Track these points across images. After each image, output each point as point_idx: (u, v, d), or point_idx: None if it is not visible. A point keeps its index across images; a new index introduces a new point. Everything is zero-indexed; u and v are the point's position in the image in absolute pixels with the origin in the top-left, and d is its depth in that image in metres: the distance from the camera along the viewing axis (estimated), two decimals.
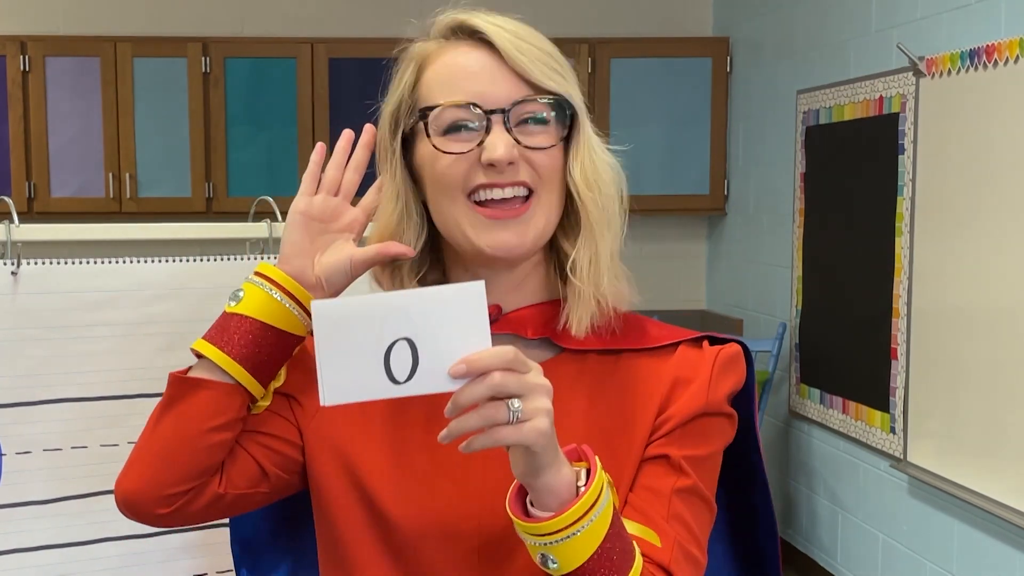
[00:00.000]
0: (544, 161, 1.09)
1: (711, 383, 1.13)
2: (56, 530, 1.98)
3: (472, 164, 1.08)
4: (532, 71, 1.08)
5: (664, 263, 5.51)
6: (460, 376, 0.93)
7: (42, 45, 4.82)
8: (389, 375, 0.93)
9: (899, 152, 3.61)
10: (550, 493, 0.98)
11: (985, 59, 3.14)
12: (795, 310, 4.46)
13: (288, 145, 4.94)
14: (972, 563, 3.33)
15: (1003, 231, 3.07)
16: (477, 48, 1.10)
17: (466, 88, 1.08)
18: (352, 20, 5.06)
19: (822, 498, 4.31)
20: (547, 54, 1.10)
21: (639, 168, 5.08)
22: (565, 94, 1.10)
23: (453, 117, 1.08)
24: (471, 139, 1.08)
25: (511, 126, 1.08)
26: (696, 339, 1.17)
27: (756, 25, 4.89)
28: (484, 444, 0.94)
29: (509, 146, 1.07)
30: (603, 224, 1.12)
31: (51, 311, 1.95)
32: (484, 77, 1.08)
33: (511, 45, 1.08)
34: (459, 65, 1.10)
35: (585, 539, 0.98)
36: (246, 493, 1.16)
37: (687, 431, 1.12)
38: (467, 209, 1.09)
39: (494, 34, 1.08)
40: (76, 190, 4.86)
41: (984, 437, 3.19)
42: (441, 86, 1.10)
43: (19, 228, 1.96)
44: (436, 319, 0.93)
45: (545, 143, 1.09)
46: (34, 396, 1.95)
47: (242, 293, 1.13)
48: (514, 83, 1.08)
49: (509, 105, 1.07)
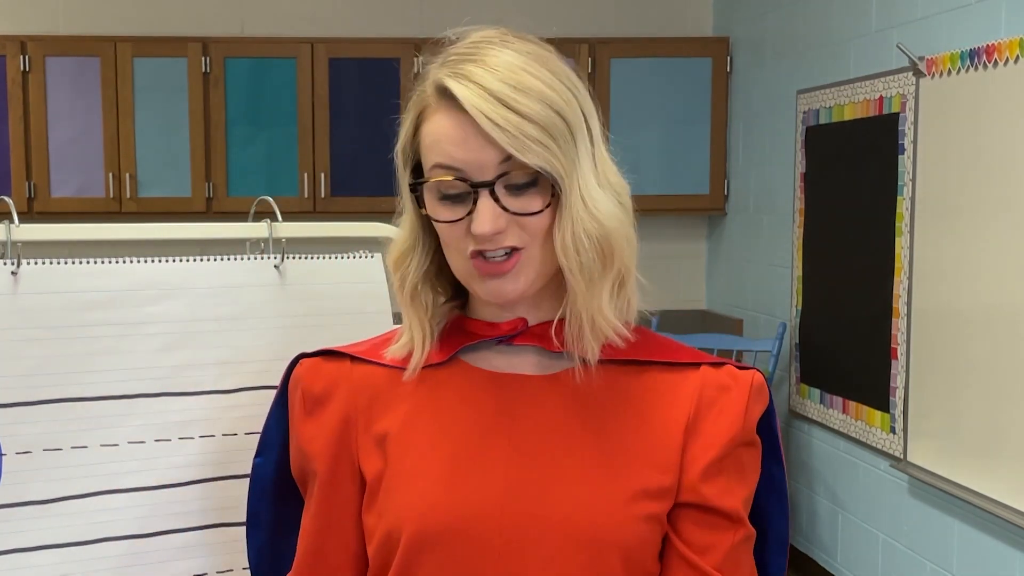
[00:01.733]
0: (533, 223, 1.10)
1: (747, 410, 1.16)
2: (56, 530, 1.98)
3: (465, 231, 1.11)
4: (512, 145, 1.06)
5: (664, 263, 5.51)
6: None
7: (42, 45, 4.82)
8: None
9: (899, 152, 3.61)
10: None
11: (985, 59, 3.14)
12: (795, 310, 4.46)
13: (288, 145, 4.94)
14: (972, 563, 3.33)
15: (1003, 231, 3.07)
16: (459, 113, 1.08)
17: (455, 156, 1.09)
18: (352, 20, 5.06)
19: (822, 498, 4.31)
20: (528, 118, 1.07)
21: (639, 168, 5.09)
22: (544, 167, 1.07)
23: (443, 187, 1.11)
24: (461, 207, 1.10)
25: (498, 194, 1.08)
26: (717, 363, 1.19)
27: (756, 25, 4.89)
28: None
29: (495, 219, 1.08)
30: (587, 285, 1.11)
31: (51, 311, 1.94)
32: (472, 144, 1.08)
33: (485, 118, 1.06)
34: (444, 132, 1.10)
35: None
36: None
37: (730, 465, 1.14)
38: (468, 264, 1.12)
39: (473, 105, 1.06)
40: (76, 190, 4.86)
41: (984, 437, 3.19)
42: (434, 149, 1.11)
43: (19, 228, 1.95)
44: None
45: (534, 208, 1.09)
46: (34, 396, 1.95)
47: None
48: (498, 151, 1.07)
49: (493, 178, 1.08)
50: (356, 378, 1.21)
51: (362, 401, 1.19)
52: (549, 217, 1.11)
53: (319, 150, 4.92)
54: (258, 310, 2.05)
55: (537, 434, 1.14)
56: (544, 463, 1.12)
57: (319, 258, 2.10)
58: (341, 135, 4.91)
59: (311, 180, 4.90)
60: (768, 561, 1.27)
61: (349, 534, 1.19)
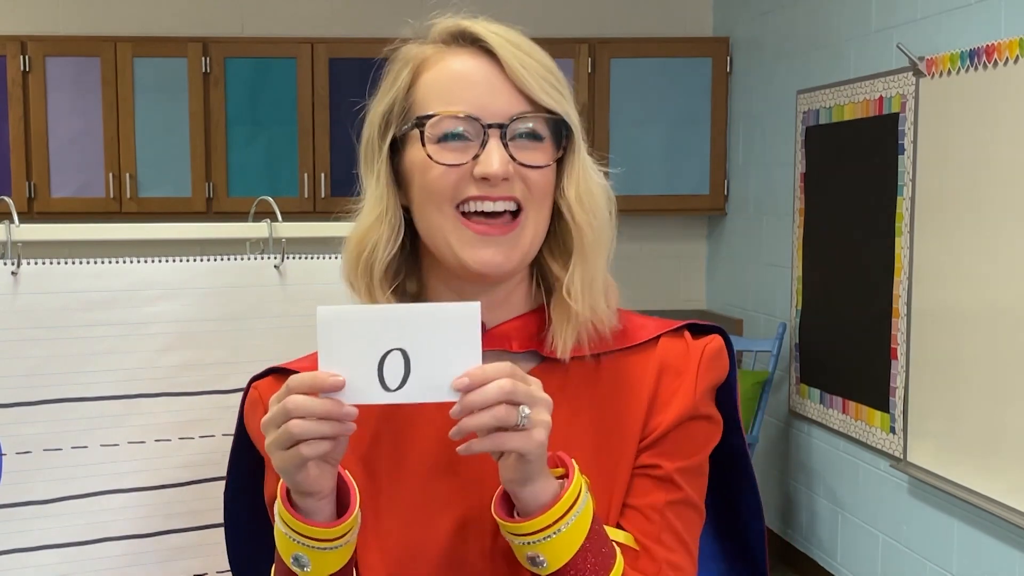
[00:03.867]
0: (537, 179, 1.08)
1: (697, 383, 1.13)
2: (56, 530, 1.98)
3: (464, 176, 1.06)
4: (533, 87, 1.06)
5: (664, 263, 5.51)
6: (462, 388, 0.95)
7: (42, 45, 4.82)
8: (382, 382, 0.97)
9: (899, 152, 3.61)
10: (535, 500, 1.00)
11: (985, 59, 3.14)
12: (795, 310, 4.46)
13: (288, 145, 4.94)
14: (972, 563, 3.33)
15: (1003, 231, 3.07)
16: (477, 57, 1.08)
17: (465, 98, 1.07)
18: (352, 20, 5.06)
19: (822, 498, 4.31)
20: (548, 70, 1.09)
21: (639, 168, 5.09)
22: (564, 113, 1.09)
23: (450, 127, 1.07)
24: (466, 150, 1.06)
25: (507, 141, 1.06)
26: (677, 330, 1.17)
27: (756, 25, 4.89)
28: (485, 448, 0.96)
29: (505, 161, 1.05)
30: (597, 245, 1.11)
31: (51, 311, 1.94)
32: (484, 88, 1.07)
33: (513, 57, 1.06)
34: (459, 73, 1.08)
35: (569, 535, 1.00)
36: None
37: (677, 439, 1.12)
38: (455, 221, 1.07)
39: (497, 44, 1.07)
40: (76, 190, 4.86)
41: (984, 437, 3.19)
42: (439, 93, 1.08)
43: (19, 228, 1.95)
44: (431, 334, 0.96)
45: (541, 161, 1.08)
46: (34, 396, 1.95)
47: (308, 564, 1.06)
48: (514, 97, 1.07)
49: (507, 120, 1.06)
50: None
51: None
52: (552, 177, 1.10)
53: (319, 150, 4.92)
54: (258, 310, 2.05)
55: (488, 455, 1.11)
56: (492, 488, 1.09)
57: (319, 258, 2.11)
58: (341, 135, 4.90)
59: (311, 180, 4.90)
60: (745, 531, 1.26)
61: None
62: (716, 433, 1.16)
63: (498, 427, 0.95)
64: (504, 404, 0.95)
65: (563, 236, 1.12)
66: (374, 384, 0.97)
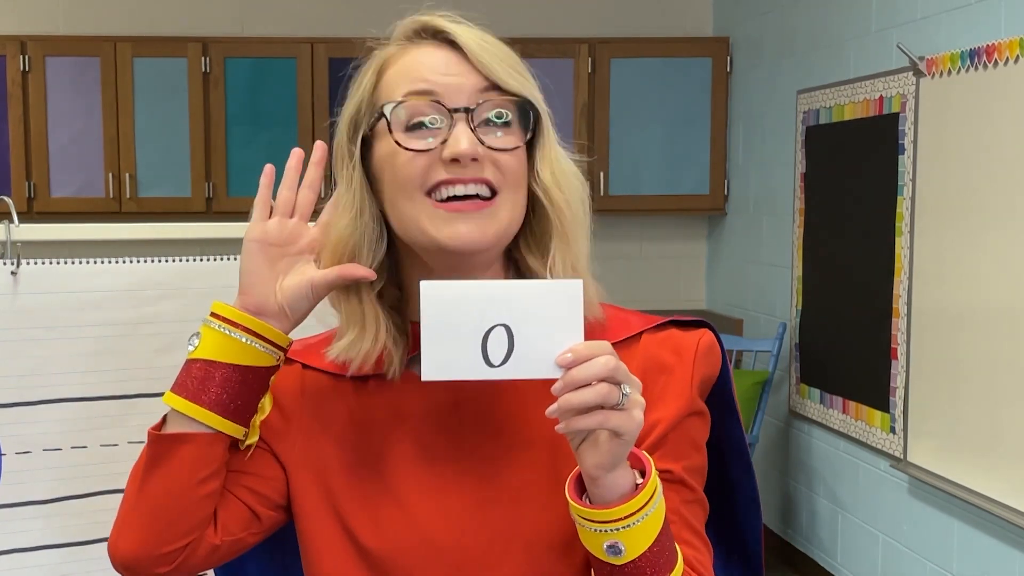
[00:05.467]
0: (508, 162, 1.08)
1: (692, 380, 1.14)
2: (56, 530, 1.98)
3: (434, 160, 1.06)
4: (497, 71, 1.07)
5: (664, 263, 5.51)
6: (566, 364, 0.96)
7: (42, 45, 4.82)
8: (485, 358, 0.98)
9: (899, 152, 3.61)
10: (614, 486, 1.00)
11: (985, 59, 3.14)
12: (795, 310, 4.46)
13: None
14: (972, 563, 3.33)
15: (1003, 231, 3.07)
16: (441, 47, 1.09)
17: (429, 80, 1.07)
18: (352, 20, 5.06)
19: (822, 498, 4.31)
20: (510, 56, 1.10)
21: (639, 168, 5.09)
22: (530, 96, 1.09)
23: (415, 112, 1.07)
24: (434, 136, 1.07)
25: (474, 126, 1.06)
26: (660, 326, 1.16)
27: (756, 25, 4.89)
28: (589, 425, 0.96)
29: (473, 141, 1.05)
30: (576, 226, 1.11)
31: (51, 311, 1.94)
32: (448, 75, 1.07)
33: (476, 44, 1.07)
34: (421, 62, 1.09)
35: (650, 523, 1.01)
36: (241, 537, 1.15)
37: (678, 439, 1.12)
38: (426, 206, 1.07)
39: (458, 33, 1.08)
40: (76, 190, 4.86)
41: (984, 437, 3.19)
42: (402, 82, 1.08)
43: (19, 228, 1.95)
44: (534, 310, 0.98)
45: (509, 144, 1.08)
46: (34, 396, 1.95)
47: (198, 338, 1.10)
48: (478, 80, 1.07)
49: (473, 104, 1.06)
50: (308, 386, 1.18)
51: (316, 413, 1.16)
52: (523, 161, 1.09)
53: None
54: None
55: (497, 442, 1.12)
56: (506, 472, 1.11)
57: None
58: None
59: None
60: (742, 523, 1.26)
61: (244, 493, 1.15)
62: (708, 426, 1.17)
63: (599, 405, 0.96)
64: (607, 382, 0.96)
65: (540, 227, 1.12)
66: (478, 360, 0.98)
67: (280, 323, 1.11)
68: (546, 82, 1.14)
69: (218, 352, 1.09)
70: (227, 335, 1.09)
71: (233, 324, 1.09)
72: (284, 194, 1.15)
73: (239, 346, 1.09)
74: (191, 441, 1.09)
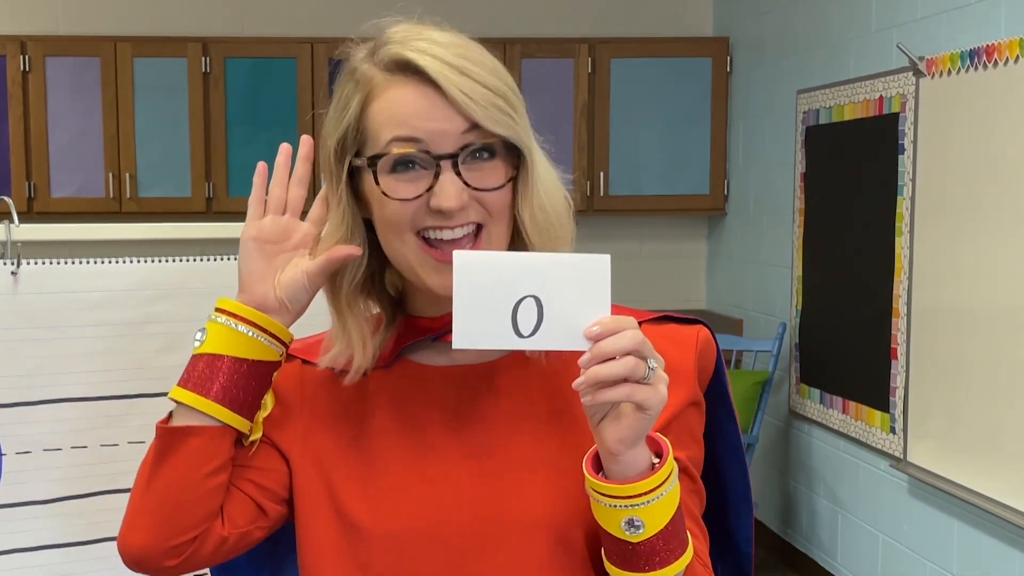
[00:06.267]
0: (493, 200, 1.09)
1: (693, 372, 1.16)
2: (56, 530, 1.98)
3: (420, 208, 1.08)
4: (479, 116, 1.06)
5: (664, 263, 5.51)
6: (594, 337, 0.98)
7: (42, 45, 4.82)
8: (515, 328, 1.00)
9: (899, 152, 3.61)
10: (633, 463, 1.01)
11: (985, 59, 3.14)
12: (795, 310, 4.46)
13: None
14: (972, 563, 3.33)
15: (1003, 231, 3.07)
16: (422, 86, 1.08)
17: (415, 127, 1.07)
18: (352, 20, 5.03)
19: (822, 498, 4.31)
20: (493, 91, 1.08)
21: (639, 168, 5.09)
22: (514, 137, 1.09)
23: (400, 158, 1.08)
24: (419, 180, 1.08)
25: (461, 169, 1.07)
26: (658, 319, 1.18)
27: (756, 25, 4.89)
28: (616, 397, 0.97)
29: (459, 193, 1.06)
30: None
31: (51, 311, 1.94)
32: (432, 119, 1.07)
33: (455, 86, 1.06)
34: (405, 105, 1.08)
35: (668, 501, 1.02)
36: (248, 531, 1.16)
37: (679, 429, 1.14)
38: (416, 249, 1.09)
39: (439, 76, 1.07)
40: (76, 190, 4.86)
41: (984, 437, 3.19)
42: (388, 126, 1.09)
43: (19, 228, 1.96)
44: (565, 283, 0.99)
45: (494, 183, 1.08)
46: (34, 396, 1.95)
47: (204, 334, 1.12)
48: (461, 123, 1.07)
49: (457, 149, 1.07)
50: (308, 381, 1.19)
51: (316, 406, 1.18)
52: (509, 194, 1.10)
53: (319, 150, 4.91)
54: None
55: (494, 426, 1.13)
56: (503, 455, 1.12)
57: None
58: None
59: (311, 180, 4.89)
60: (734, 521, 1.27)
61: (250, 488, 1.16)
62: (704, 419, 1.19)
63: (626, 378, 0.97)
64: (633, 356, 0.97)
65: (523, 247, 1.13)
66: (508, 329, 0.99)
67: (282, 317, 1.13)
68: (546, 82, 1.14)
69: (224, 346, 1.11)
70: (233, 329, 1.11)
71: (239, 318, 1.12)
72: (275, 191, 1.19)
73: (245, 339, 1.11)
74: (199, 434, 1.10)
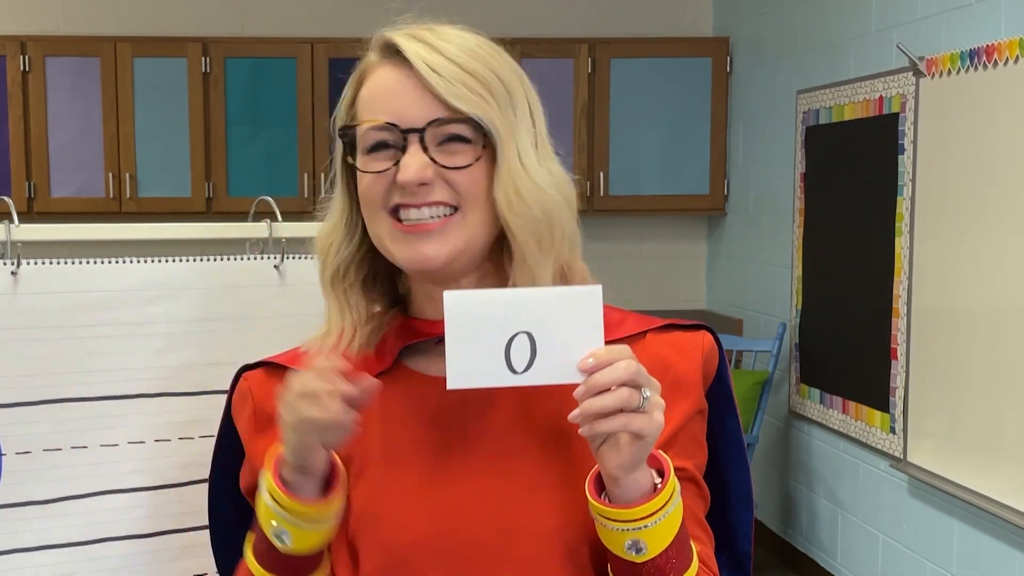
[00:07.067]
0: (460, 180, 1.08)
1: (700, 380, 1.17)
2: (56, 530, 1.98)
3: (390, 183, 1.09)
4: (442, 92, 1.07)
5: (664, 263, 5.51)
6: (588, 370, 0.98)
7: (42, 45, 4.82)
8: (509, 365, 1.00)
9: (899, 152, 3.61)
10: (635, 486, 1.02)
11: (985, 59, 3.14)
12: (795, 310, 4.46)
13: (288, 145, 4.94)
14: (972, 563, 3.33)
15: (1003, 231, 3.07)
16: (400, 67, 1.10)
17: (386, 107, 1.09)
18: (352, 20, 5.05)
19: (822, 498, 4.31)
20: (468, 72, 1.08)
21: (639, 168, 5.09)
22: (480, 115, 1.08)
23: (374, 137, 1.10)
24: (389, 158, 1.09)
25: (429, 145, 1.07)
26: (664, 327, 1.18)
27: (756, 25, 4.89)
28: (612, 428, 0.98)
29: (421, 167, 1.07)
30: (536, 247, 1.10)
31: (51, 311, 1.94)
32: (404, 97, 1.08)
33: (425, 65, 1.07)
34: (383, 84, 1.11)
35: (670, 521, 1.03)
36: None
37: (686, 438, 1.14)
38: (388, 224, 1.10)
39: (412, 54, 1.08)
40: (76, 190, 4.86)
41: (984, 437, 3.19)
42: (367, 106, 1.11)
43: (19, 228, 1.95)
44: (556, 317, 1.00)
45: (462, 162, 1.08)
46: (34, 396, 1.95)
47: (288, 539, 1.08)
48: (432, 103, 1.07)
49: (423, 124, 1.07)
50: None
51: None
52: (483, 177, 1.09)
53: (319, 150, 4.92)
54: (258, 310, 2.05)
55: (499, 441, 1.12)
56: (509, 471, 1.11)
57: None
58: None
59: (311, 180, 4.90)
60: (734, 520, 1.27)
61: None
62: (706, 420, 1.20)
63: (621, 408, 0.97)
64: (628, 386, 0.97)
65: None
66: (502, 366, 1.00)
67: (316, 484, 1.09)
68: (546, 82, 1.14)
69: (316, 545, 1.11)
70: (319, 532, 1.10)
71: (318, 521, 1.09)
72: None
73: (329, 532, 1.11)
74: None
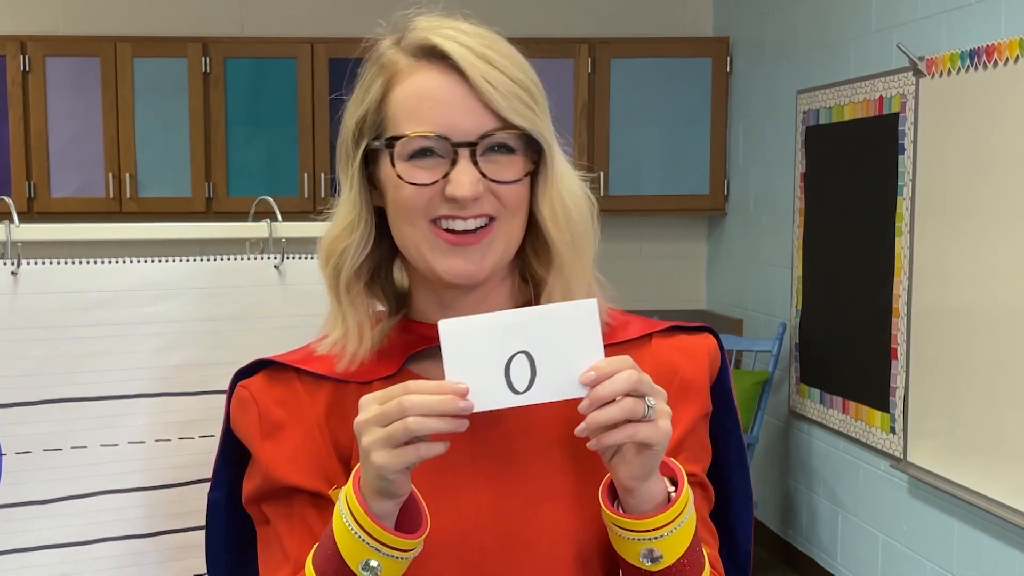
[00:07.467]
0: (509, 193, 1.08)
1: (706, 383, 1.17)
2: (56, 530, 1.98)
3: (436, 195, 1.07)
4: (501, 105, 1.06)
5: (664, 263, 5.51)
6: (590, 383, 0.98)
7: (42, 45, 4.82)
8: (510, 386, 1.00)
9: (899, 152, 3.61)
10: (648, 496, 1.02)
11: (985, 59, 3.14)
12: (795, 310, 4.46)
13: (288, 145, 4.94)
14: (972, 563, 3.33)
15: (1003, 231, 3.07)
16: (446, 74, 1.07)
17: (435, 117, 1.06)
18: (352, 20, 5.06)
19: (822, 498, 4.31)
20: (518, 83, 1.08)
21: (639, 168, 5.09)
22: (533, 130, 1.08)
23: (417, 144, 1.07)
24: (436, 168, 1.07)
25: (479, 159, 1.06)
26: (668, 330, 1.19)
27: (756, 25, 4.89)
28: (618, 440, 0.98)
29: (475, 183, 1.06)
30: (574, 257, 1.11)
31: (51, 311, 1.94)
32: (453, 107, 1.06)
33: (481, 75, 1.05)
34: (428, 91, 1.07)
35: (685, 530, 1.03)
36: None
37: (694, 442, 1.15)
38: (428, 232, 1.08)
39: (464, 62, 1.06)
40: (76, 190, 4.86)
41: (984, 437, 3.19)
42: (409, 112, 1.08)
43: (19, 228, 1.95)
44: (553, 334, 0.99)
45: (511, 176, 1.08)
46: (34, 396, 1.95)
47: (380, 571, 1.03)
48: (483, 114, 1.06)
49: (476, 138, 1.06)
50: (305, 397, 1.15)
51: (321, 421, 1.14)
52: (526, 189, 1.10)
53: (319, 150, 4.92)
54: (258, 310, 2.05)
55: (502, 445, 1.11)
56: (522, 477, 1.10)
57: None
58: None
59: (311, 180, 4.90)
60: (734, 519, 1.27)
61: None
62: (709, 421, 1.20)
63: (626, 419, 0.97)
64: (631, 396, 0.97)
65: (543, 239, 1.13)
66: (502, 388, 0.99)
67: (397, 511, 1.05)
68: (546, 82, 1.14)
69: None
70: (404, 562, 1.04)
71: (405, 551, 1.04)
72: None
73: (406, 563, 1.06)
74: None
